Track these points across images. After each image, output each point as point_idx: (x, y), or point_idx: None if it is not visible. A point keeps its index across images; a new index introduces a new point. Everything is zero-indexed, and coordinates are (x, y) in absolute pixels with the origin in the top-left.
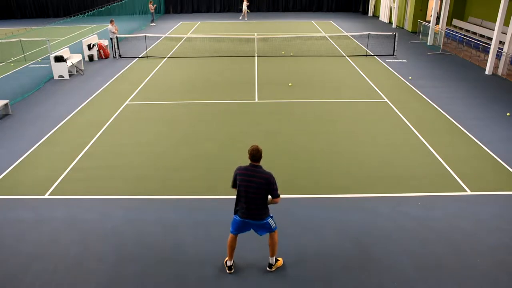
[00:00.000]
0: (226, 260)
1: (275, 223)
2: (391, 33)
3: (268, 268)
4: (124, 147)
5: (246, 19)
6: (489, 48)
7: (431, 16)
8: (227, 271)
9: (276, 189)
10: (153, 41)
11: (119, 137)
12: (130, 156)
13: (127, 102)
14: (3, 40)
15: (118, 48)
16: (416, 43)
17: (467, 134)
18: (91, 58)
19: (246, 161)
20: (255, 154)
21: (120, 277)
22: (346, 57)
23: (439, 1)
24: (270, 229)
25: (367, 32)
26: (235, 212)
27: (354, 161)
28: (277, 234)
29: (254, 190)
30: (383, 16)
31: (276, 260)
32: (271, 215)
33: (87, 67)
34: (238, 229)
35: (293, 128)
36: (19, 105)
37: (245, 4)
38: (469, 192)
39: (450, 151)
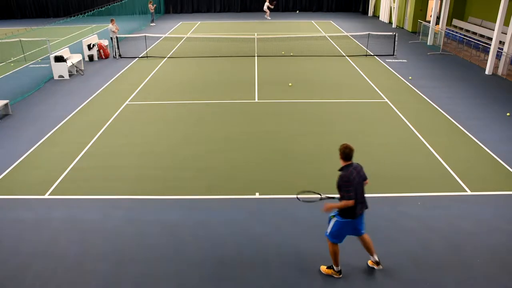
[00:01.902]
0: (334, 266)
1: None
2: (391, 33)
3: (376, 266)
4: (124, 147)
5: (269, 18)
6: (489, 48)
7: (431, 16)
8: (338, 276)
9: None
10: (153, 41)
11: (119, 137)
12: (130, 156)
13: (127, 102)
14: (3, 40)
15: (118, 48)
16: (416, 43)
17: (467, 134)
18: (91, 58)
19: (246, 161)
20: (349, 153)
21: (120, 277)
22: (346, 57)
23: (439, 1)
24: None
25: (367, 32)
26: (348, 217)
27: (354, 161)
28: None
29: (362, 185)
30: (383, 16)
31: (378, 261)
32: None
33: (87, 67)
34: (345, 233)
35: (293, 128)
36: (19, 105)
37: (267, 4)
38: (469, 192)
39: (450, 151)
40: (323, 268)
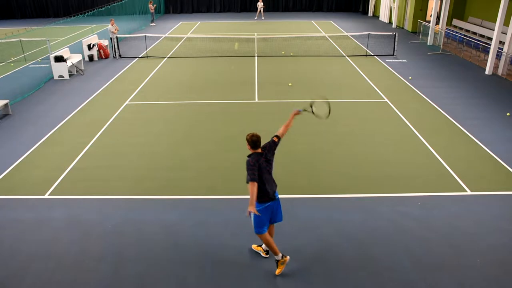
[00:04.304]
0: (277, 255)
1: None
2: (391, 33)
3: (265, 255)
4: (124, 147)
5: (263, 18)
6: (489, 48)
7: (431, 16)
8: (285, 259)
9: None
10: (153, 41)
11: (119, 137)
12: (130, 156)
13: (127, 102)
14: (3, 40)
15: (118, 48)
16: (416, 43)
17: (467, 134)
18: (91, 58)
19: (245, 161)
20: (257, 141)
21: (120, 277)
22: (346, 57)
23: (439, 1)
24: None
25: (367, 32)
26: (265, 202)
27: (354, 161)
28: None
29: (271, 171)
30: (383, 16)
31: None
32: None
33: (87, 67)
34: (267, 220)
35: (293, 128)
36: (19, 105)
37: (260, 4)
38: (469, 192)
39: (450, 151)
40: (254, 246)
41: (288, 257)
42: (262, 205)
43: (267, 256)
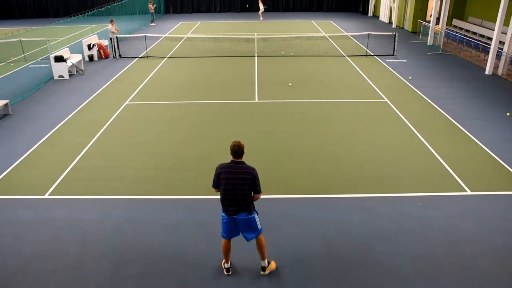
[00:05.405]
0: (223, 263)
1: (260, 223)
2: (391, 33)
3: (261, 272)
4: (124, 147)
5: (261, 18)
6: (489, 48)
7: (431, 16)
8: (225, 273)
9: (259, 185)
10: (153, 41)
11: (119, 137)
12: (130, 156)
13: (127, 102)
14: (3, 40)
15: (118, 48)
16: (416, 43)
17: (467, 134)
18: (91, 58)
19: (249, 161)
20: (237, 150)
21: (120, 277)
22: (346, 57)
23: (439, 1)
24: (256, 230)
25: (367, 32)
26: (223, 212)
27: (354, 161)
28: (263, 237)
29: (240, 187)
30: (383, 16)
31: (268, 263)
32: (257, 211)
33: (87, 67)
34: (229, 231)
35: (293, 128)
36: (19, 105)
37: (261, 5)
38: (469, 192)
39: (450, 151)
40: (272, 266)
41: (229, 273)
42: (222, 214)
43: (228, 274)
